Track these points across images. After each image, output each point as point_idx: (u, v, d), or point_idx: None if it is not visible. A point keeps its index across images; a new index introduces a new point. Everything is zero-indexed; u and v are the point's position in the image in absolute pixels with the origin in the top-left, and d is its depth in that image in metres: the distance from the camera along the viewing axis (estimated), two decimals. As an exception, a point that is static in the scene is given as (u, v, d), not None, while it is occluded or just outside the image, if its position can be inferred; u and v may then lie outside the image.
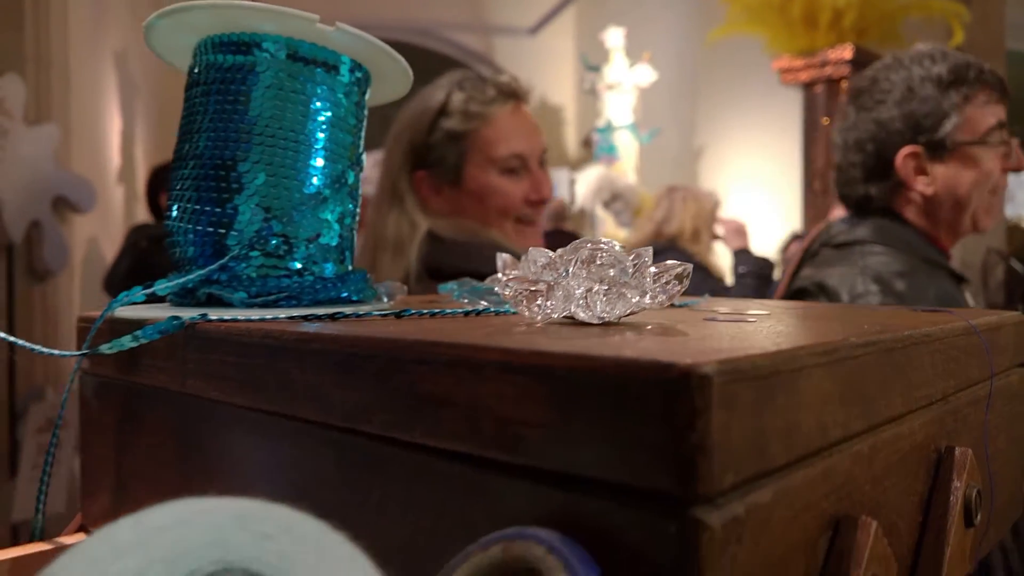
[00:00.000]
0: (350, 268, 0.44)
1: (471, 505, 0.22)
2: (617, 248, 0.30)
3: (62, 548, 0.43)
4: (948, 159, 0.93)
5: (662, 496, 0.18)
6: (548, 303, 0.30)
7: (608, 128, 4.32)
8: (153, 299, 0.41)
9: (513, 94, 0.98)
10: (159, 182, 2.27)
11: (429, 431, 0.23)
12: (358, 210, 0.45)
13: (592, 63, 4.38)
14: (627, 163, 4.26)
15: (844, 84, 3.02)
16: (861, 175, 0.97)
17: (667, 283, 0.30)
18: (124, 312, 0.39)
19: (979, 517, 0.31)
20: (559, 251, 0.31)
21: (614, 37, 4.26)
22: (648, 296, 0.29)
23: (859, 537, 0.23)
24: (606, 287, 0.29)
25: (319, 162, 0.41)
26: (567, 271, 0.30)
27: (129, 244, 2.19)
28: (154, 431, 0.37)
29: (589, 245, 0.30)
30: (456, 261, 0.88)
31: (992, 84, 0.94)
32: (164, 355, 0.35)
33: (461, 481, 0.23)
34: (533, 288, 0.30)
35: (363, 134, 0.45)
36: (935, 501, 0.30)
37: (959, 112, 0.92)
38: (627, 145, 4.29)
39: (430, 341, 0.24)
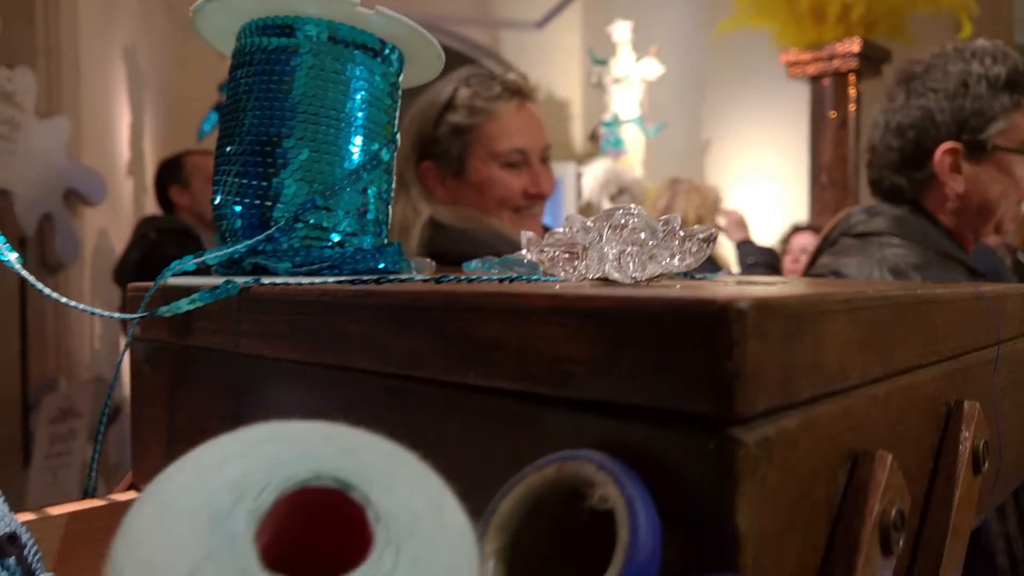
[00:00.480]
0: (386, 241, 0.46)
1: (523, 437, 0.25)
2: (647, 214, 0.32)
3: (115, 504, 0.46)
4: (984, 162, 0.93)
5: (702, 418, 0.21)
6: (583, 264, 0.32)
7: (615, 122, 4.33)
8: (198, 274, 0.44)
9: (518, 92, 1.02)
10: (167, 175, 2.29)
11: (482, 373, 0.26)
12: (392, 186, 0.47)
13: (599, 57, 4.38)
14: (634, 157, 4.27)
15: (852, 77, 3.03)
16: (897, 160, 0.97)
17: (694, 246, 0.32)
18: (175, 281, 0.42)
19: (986, 466, 0.33)
20: (593, 217, 0.33)
21: (621, 31, 4.27)
22: (677, 258, 0.32)
23: (876, 468, 0.25)
24: (638, 249, 0.31)
25: (358, 140, 0.44)
26: (601, 235, 0.32)
27: (139, 236, 2.21)
28: (207, 390, 0.39)
29: (621, 211, 0.32)
30: (457, 247, 0.92)
31: None
32: (218, 318, 0.38)
33: (513, 416, 0.25)
34: (570, 250, 0.32)
35: (397, 114, 0.47)
36: (945, 449, 0.32)
37: (1007, 117, 0.91)
38: (634, 139, 4.29)
39: (482, 292, 0.26)
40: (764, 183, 3.69)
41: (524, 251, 0.51)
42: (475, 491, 0.24)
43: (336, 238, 0.43)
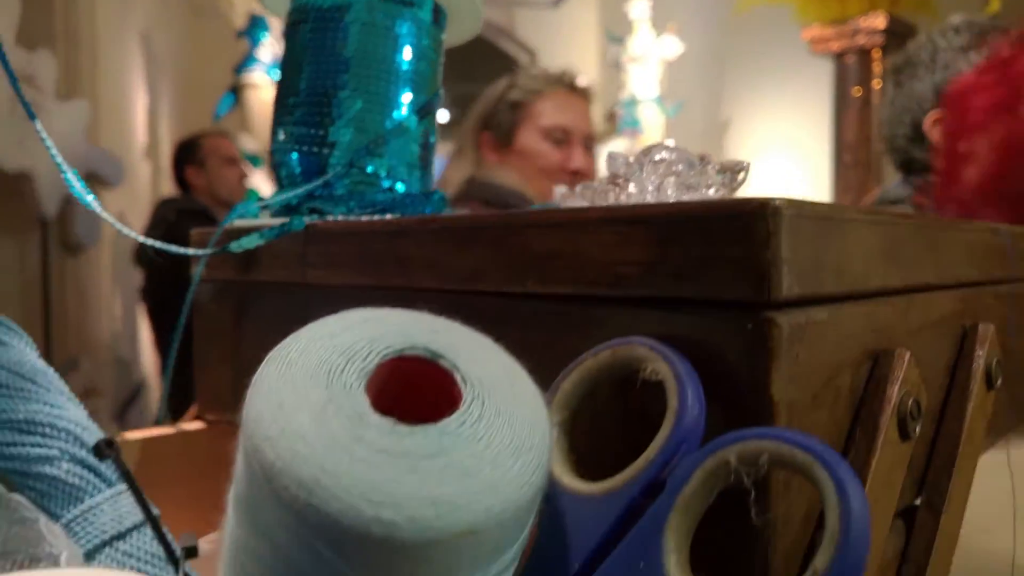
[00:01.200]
0: (431, 188, 0.50)
1: (578, 335, 0.28)
2: (683, 150, 0.35)
3: (184, 432, 0.49)
4: None
5: (741, 304, 0.23)
6: (625, 194, 0.35)
7: (632, 102, 4.31)
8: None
9: (572, 85, 1.19)
10: (184, 155, 2.31)
11: (540, 281, 0.29)
12: (436, 136, 0.50)
13: (616, 35, 4.36)
14: (651, 137, 4.25)
15: (876, 54, 3.00)
16: (904, 145, 1.06)
17: (728, 178, 0.34)
18: (239, 223, 0.45)
19: (999, 382, 0.35)
20: (635, 154, 0.36)
21: (639, 8, 4.23)
22: (712, 189, 0.34)
23: (895, 364, 0.27)
24: (676, 179, 0.34)
25: (406, 92, 0.47)
26: (641, 168, 0.35)
27: (159, 218, 2.24)
28: (274, 320, 0.43)
29: (658, 147, 0.35)
30: (474, 192, 1.09)
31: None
32: (284, 252, 0.41)
33: (569, 318, 0.28)
34: (613, 182, 0.35)
35: (440, 69, 0.50)
36: (960, 366, 0.35)
37: None
38: (652, 119, 4.28)
39: (538, 210, 0.29)
40: (786, 162, 3.67)
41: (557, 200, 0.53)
42: (538, 384, 0.28)
43: (387, 184, 0.46)
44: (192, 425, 0.50)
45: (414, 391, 0.23)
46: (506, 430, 0.21)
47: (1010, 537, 0.39)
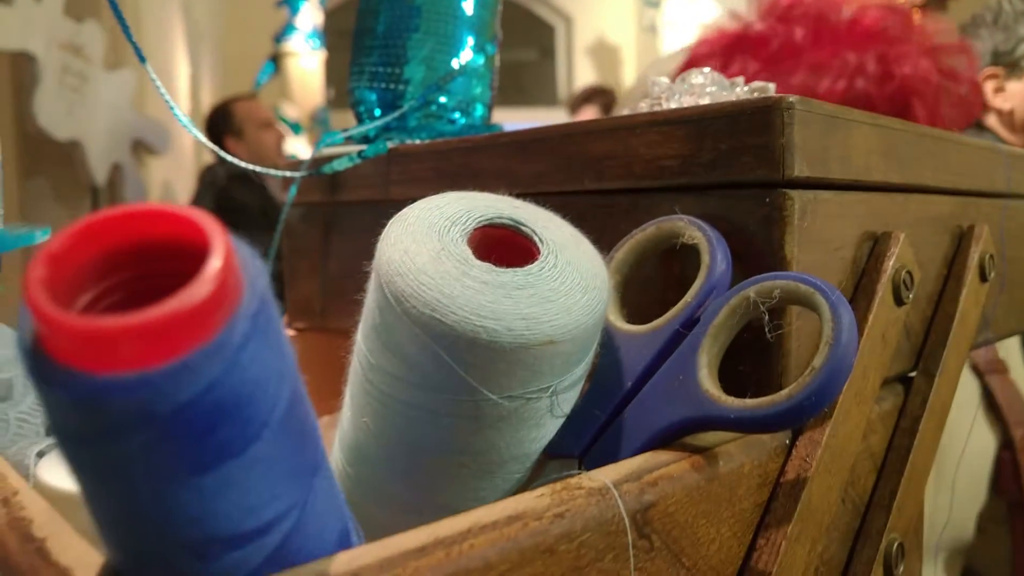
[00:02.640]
0: (490, 122, 0.56)
1: (627, 222, 0.34)
2: (716, 73, 0.40)
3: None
4: (1022, 76, 1.03)
5: (761, 183, 0.29)
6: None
7: (668, 64, 4.28)
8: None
9: None
10: (220, 125, 2.28)
11: (595, 179, 0.35)
12: (495, 75, 0.56)
13: (652, -2, 4.31)
14: (687, 99, 4.22)
15: (917, 13, 2.94)
16: None
17: (754, 93, 0.40)
18: (326, 151, 0.52)
19: (992, 275, 0.41)
20: (674, 79, 0.41)
21: (675, -31, 4.18)
22: (741, 108, 0.40)
23: (891, 242, 0.33)
24: (710, 99, 0.39)
25: (470, 35, 0.52)
26: (678, 91, 0.40)
27: (207, 183, 2.26)
28: (359, 235, 0.50)
29: (694, 71, 0.41)
30: None
31: None
32: (369, 174, 0.48)
33: (619, 207, 0.34)
34: (654, 102, 0.40)
35: (498, 17, 0.56)
36: (956, 261, 0.40)
37: None
38: (687, 81, 4.24)
39: (592, 119, 0.35)
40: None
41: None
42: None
43: (455, 116, 0.52)
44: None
45: (500, 253, 0.29)
46: (575, 275, 0.27)
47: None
